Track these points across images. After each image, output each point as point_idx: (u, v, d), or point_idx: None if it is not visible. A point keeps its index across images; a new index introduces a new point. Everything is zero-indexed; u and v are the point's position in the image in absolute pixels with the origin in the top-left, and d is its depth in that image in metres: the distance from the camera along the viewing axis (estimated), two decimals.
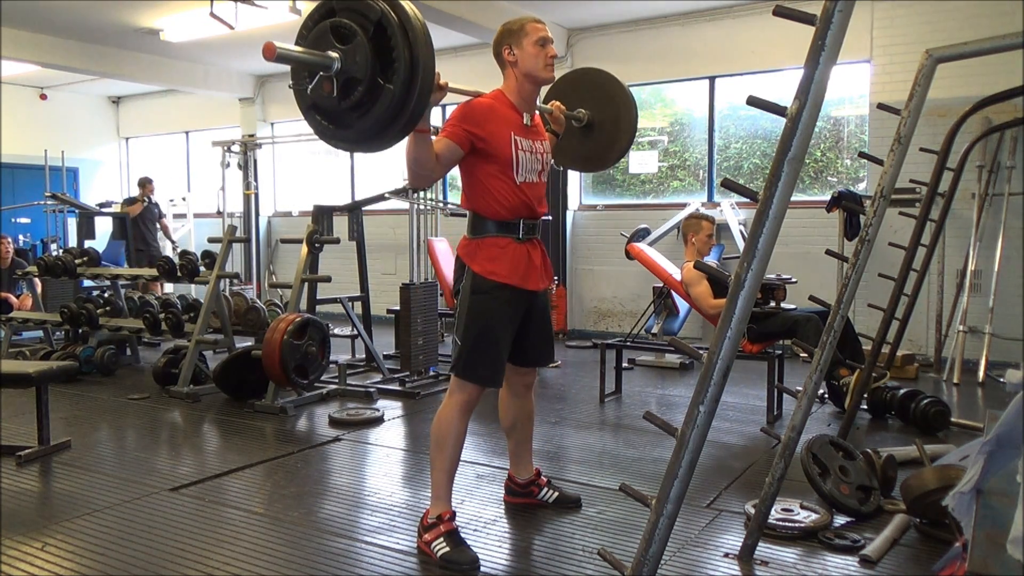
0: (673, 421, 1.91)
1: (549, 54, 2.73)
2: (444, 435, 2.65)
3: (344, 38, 2.07)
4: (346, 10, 2.10)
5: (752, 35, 7.17)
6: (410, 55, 2.03)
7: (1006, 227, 5.91)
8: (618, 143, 3.31)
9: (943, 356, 5.96)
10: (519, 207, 2.71)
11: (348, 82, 2.09)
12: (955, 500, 1.72)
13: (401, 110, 2.07)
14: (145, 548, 2.72)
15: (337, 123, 2.18)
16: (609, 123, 3.30)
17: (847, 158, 7.26)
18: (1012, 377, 1.65)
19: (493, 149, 2.63)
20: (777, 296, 4.63)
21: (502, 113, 2.69)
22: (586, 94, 3.35)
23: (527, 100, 2.76)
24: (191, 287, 8.62)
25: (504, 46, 2.72)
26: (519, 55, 2.70)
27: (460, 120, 2.59)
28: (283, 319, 4.75)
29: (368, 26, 2.05)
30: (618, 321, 8.00)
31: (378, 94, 2.07)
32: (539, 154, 2.78)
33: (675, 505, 1.89)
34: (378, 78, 2.06)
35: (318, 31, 2.12)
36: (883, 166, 2.83)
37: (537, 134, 2.82)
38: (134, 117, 12.04)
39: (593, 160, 3.46)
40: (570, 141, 3.30)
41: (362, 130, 2.14)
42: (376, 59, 2.05)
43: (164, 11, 7.53)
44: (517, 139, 2.68)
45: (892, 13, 6.45)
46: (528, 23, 2.73)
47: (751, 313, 1.87)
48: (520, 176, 2.70)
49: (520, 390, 3.00)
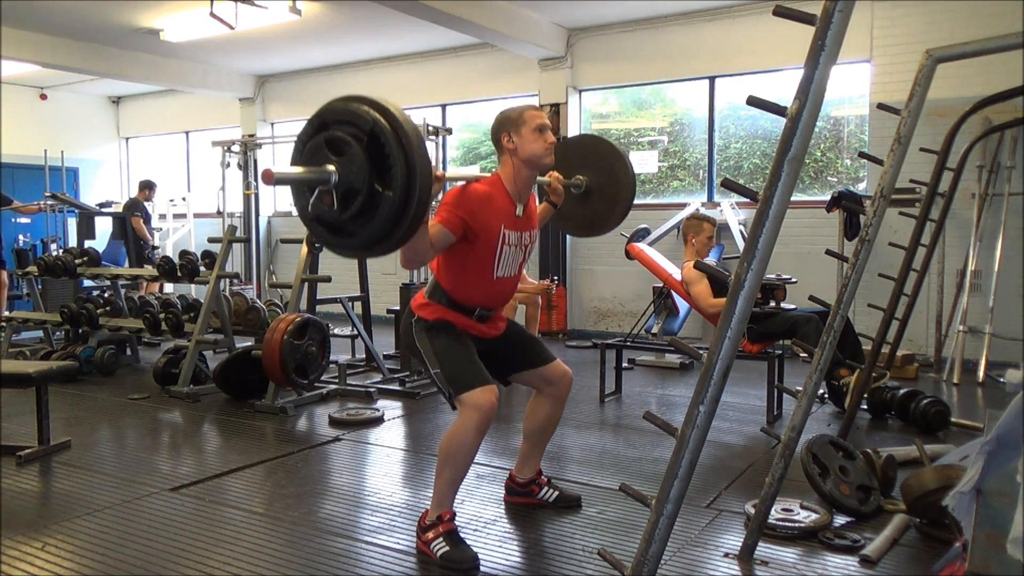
0: (673, 421, 1.91)
1: (548, 140, 2.73)
2: (455, 450, 2.58)
3: (339, 150, 2.10)
4: (338, 122, 2.12)
5: (752, 35, 7.17)
6: (406, 161, 2.05)
7: (1006, 227, 5.91)
8: (618, 207, 3.34)
9: (943, 356, 5.96)
10: (484, 300, 2.77)
11: (347, 193, 2.11)
12: (955, 500, 1.72)
13: (402, 216, 2.09)
14: (145, 548, 2.73)
15: (341, 233, 2.20)
16: (608, 187, 3.32)
17: (847, 158, 7.26)
18: (1012, 377, 1.65)
19: (481, 242, 2.66)
20: (777, 296, 4.63)
21: (497, 203, 2.70)
22: (583, 160, 3.36)
23: (524, 187, 2.78)
24: (191, 287, 8.62)
25: (503, 133, 2.73)
26: (518, 142, 2.71)
27: (456, 207, 2.60)
28: (283, 319, 4.75)
29: (362, 136, 2.07)
30: (618, 321, 8.00)
31: (378, 202, 2.09)
32: (524, 245, 2.82)
33: (675, 505, 1.89)
34: (376, 186, 2.08)
35: (313, 145, 2.14)
36: (883, 166, 2.83)
37: (527, 224, 2.83)
38: (134, 117, 12.04)
39: (594, 225, 3.47)
40: (570, 207, 3.32)
41: (366, 238, 2.16)
42: (372, 167, 2.07)
43: (164, 11, 7.53)
44: (507, 233, 2.71)
45: (892, 13, 6.45)
46: (526, 111, 2.75)
47: (751, 313, 1.87)
48: (499, 272, 2.74)
49: (553, 400, 2.98)
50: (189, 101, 11.13)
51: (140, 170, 11.50)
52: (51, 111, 11.17)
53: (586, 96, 8.38)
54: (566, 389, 2.99)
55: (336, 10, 7.42)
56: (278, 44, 8.70)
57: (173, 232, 10.50)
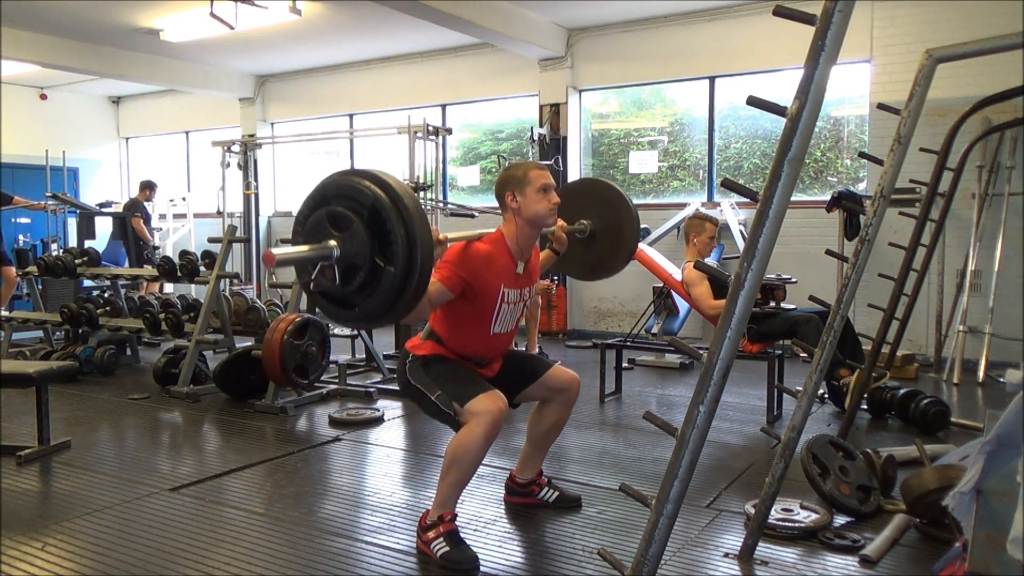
0: (673, 421, 1.91)
1: (552, 201, 2.75)
2: (462, 457, 2.56)
3: (341, 225, 2.11)
4: (339, 197, 2.14)
5: (752, 35, 7.18)
6: (407, 235, 2.06)
7: (1006, 227, 5.92)
8: (622, 251, 3.34)
9: (943, 356, 5.96)
10: (480, 352, 2.79)
11: (349, 268, 2.12)
12: (955, 500, 1.72)
13: (404, 289, 2.11)
14: (145, 548, 2.73)
15: (344, 305, 2.22)
16: (612, 231, 3.33)
17: (847, 158, 7.26)
18: (1012, 377, 1.65)
19: (480, 300, 2.68)
20: (777, 296, 4.63)
21: (498, 262, 2.71)
22: (587, 204, 3.37)
23: (526, 245, 2.80)
24: (191, 287, 8.62)
25: (507, 192, 2.75)
26: (522, 202, 2.73)
27: (457, 266, 2.61)
28: (283, 319, 4.75)
29: (363, 211, 2.09)
30: (618, 321, 8.00)
31: (380, 276, 2.10)
32: (522, 301, 2.84)
33: (675, 505, 1.89)
34: (378, 260, 2.09)
35: (315, 219, 2.16)
36: (883, 166, 2.83)
37: (528, 280, 2.85)
38: (134, 117, 12.04)
39: (599, 269, 3.47)
40: (575, 251, 3.32)
41: (369, 311, 2.18)
42: (374, 242, 2.08)
43: (164, 11, 7.53)
44: (506, 292, 2.73)
45: (892, 13, 6.45)
46: (531, 171, 2.76)
47: (751, 313, 1.87)
48: (495, 328, 2.77)
49: (560, 406, 2.98)
50: (189, 101, 11.13)
51: (140, 170, 11.50)
52: (51, 111, 11.18)
53: (586, 96, 8.39)
54: (576, 393, 3.00)
55: (336, 10, 7.42)
56: (278, 44, 8.71)
57: (173, 232, 10.49)
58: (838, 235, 6.26)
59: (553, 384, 2.93)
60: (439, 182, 7.77)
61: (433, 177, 7.54)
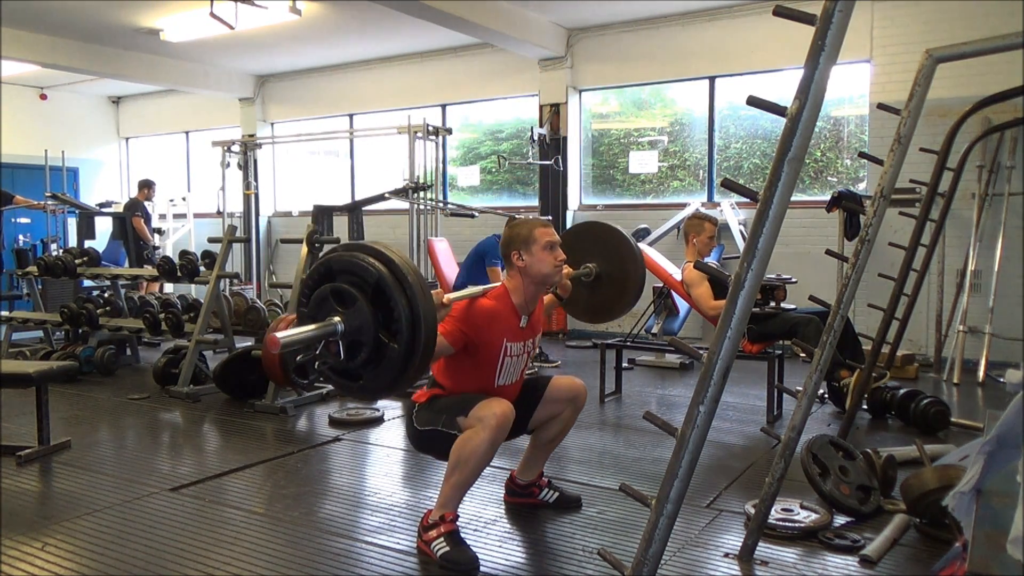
0: (673, 421, 1.91)
1: (558, 258, 2.77)
2: (467, 459, 2.56)
3: (344, 301, 2.14)
4: (344, 272, 2.16)
5: (752, 35, 7.18)
6: (411, 313, 2.09)
7: (1006, 227, 5.91)
8: (625, 298, 3.36)
9: (943, 356, 5.96)
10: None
11: (352, 345, 2.14)
12: (955, 500, 1.72)
13: (407, 365, 2.12)
14: (145, 548, 2.73)
15: (349, 377, 2.23)
16: (616, 277, 3.35)
17: (847, 158, 7.26)
18: (1012, 377, 1.65)
19: (483, 355, 2.70)
20: (777, 296, 4.63)
21: (502, 319, 2.73)
22: (592, 247, 3.39)
23: (530, 300, 2.81)
24: (191, 287, 8.62)
25: (513, 251, 2.77)
26: (528, 260, 2.75)
27: (460, 321, 2.63)
28: (283, 319, 4.75)
29: (367, 288, 2.11)
30: (618, 321, 7.99)
31: (384, 352, 2.12)
32: (526, 353, 2.85)
33: (675, 505, 1.89)
34: (382, 336, 2.11)
35: (319, 295, 2.18)
36: (883, 166, 2.83)
37: (531, 332, 2.87)
38: (134, 117, 12.04)
39: (603, 312, 3.49)
40: (580, 293, 3.35)
41: (373, 383, 2.20)
42: (377, 318, 2.11)
43: (164, 11, 7.53)
44: (509, 346, 2.74)
45: (892, 13, 6.45)
46: (536, 228, 2.78)
47: (751, 314, 1.87)
48: (500, 380, 2.78)
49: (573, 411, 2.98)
50: (189, 101, 11.13)
51: (140, 170, 11.49)
52: (51, 111, 11.17)
53: (586, 96, 8.39)
54: (583, 399, 3.00)
55: (336, 10, 7.42)
56: (278, 44, 8.71)
57: (173, 232, 10.49)
58: (838, 235, 6.26)
59: (559, 395, 2.94)
60: (439, 182, 7.78)
61: (433, 177, 7.55)
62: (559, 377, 3.01)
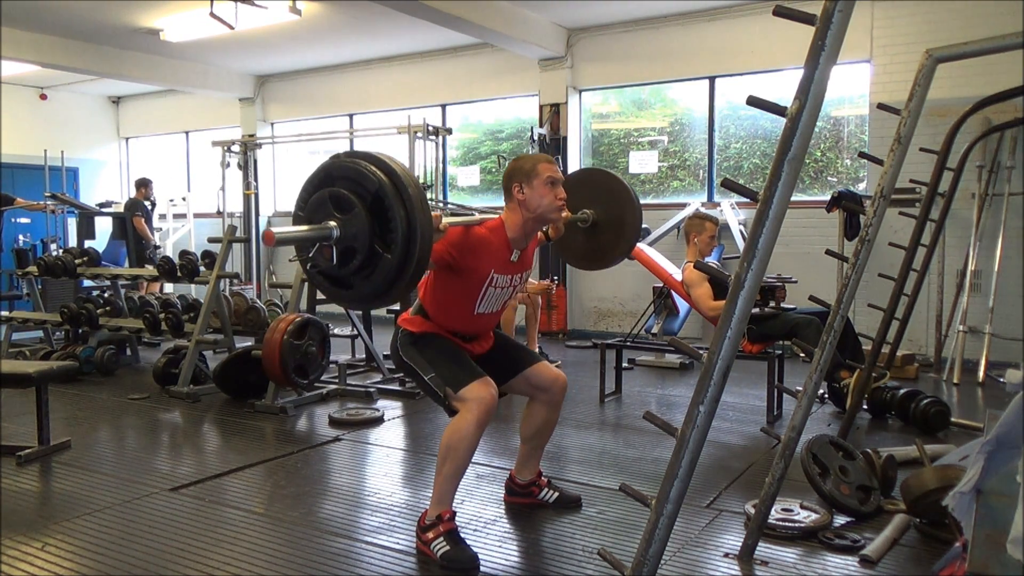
0: (673, 421, 1.91)
1: (559, 195, 2.74)
2: (456, 445, 2.58)
3: (342, 207, 2.11)
4: (344, 179, 2.14)
5: (752, 35, 7.17)
6: (408, 225, 2.07)
7: (1006, 227, 5.91)
8: (620, 245, 3.34)
9: (943, 356, 5.96)
10: (463, 328, 2.80)
11: (347, 251, 2.13)
12: (955, 500, 1.72)
13: (399, 277, 2.12)
14: (145, 548, 2.73)
15: (340, 285, 2.23)
16: (614, 224, 3.33)
17: (847, 158, 7.26)
18: (1012, 377, 1.65)
19: (467, 278, 2.69)
20: (777, 296, 4.63)
21: (493, 250, 2.72)
22: (591, 194, 3.36)
23: (526, 236, 2.79)
24: (191, 287, 8.62)
25: (515, 183, 2.74)
26: (529, 194, 2.72)
27: (450, 244, 2.61)
28: (283, 319, 4.75)
29: (366, 196, 2.09)
30: (618, 321, 8.00)
31: (377, 261, 2.11)
32: (512, 286, 2.83)
33: (675, 505, 1.89)
34: (376, 246, 2.10)
35: (317, 199, 2.16)
36: (883, 166, 2.83)
37: (521, 266, 2.85)
38: (134, 117, 12.04)
39: (594, 259, 3.47)
40: (574, 238, 3.33)
41: (363, 292, 2.19)
42: (374, 228, 2.09)
43: (164, 11, 7.53)
44: (495, 276, 2.73)
45: (892, 13, 6.45)
46: (540, 163, 2.75)
47: (752, 315, 1.87)
48: (479, 308, 2.77)
49: (547, 406, 2.96)
50: (189, 101, 11.13)
51: (140, 170, 11.48)
52: (51, 111, 11.17)
53: (586, 96, 8.38)
54: (560, 394, 2.96)
55: (336, 10, 7.42)
56: (278, 44, 8.71)
57: (173, 232, 10.49)
58: (838, 235, 6.26)
59: (535, 381, 2.92)
60: (439, 182, 7.77)
61: (433, 177, 7.54)
62: (547, 365, 2.97)
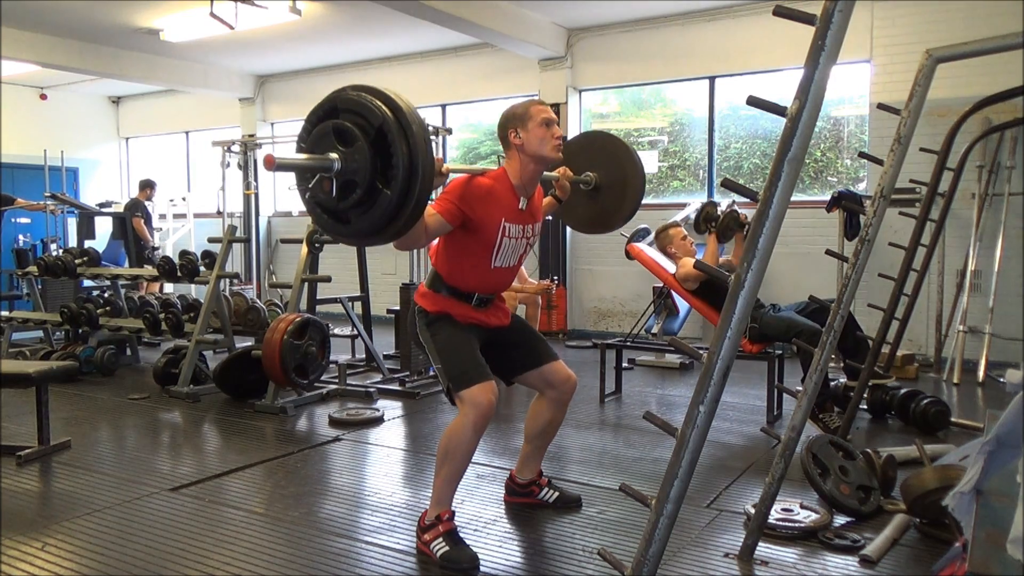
0: (673, 421, 1.91)
1: (555, 135, 2.73)
2: (455, 447, 2.59)
3: (345, 140, 2.10)
4: (349, 111, 2.12)
5: (752, 35, 7.17)
6: (409, 163, 2.05)
7: (1006, 227, 5.91)
8: (624, 208, 3.33)
9: (943, 356, 5.96)
10: (482, 287, 2.78)
11: (347, 184, 2.12)
12: (955, 500, 1.73)
13: (397, 215, 2.11)
14: (145, 548, 2.73)
15: (337, 219, 2.22)
16: (616, 187, 3.31)
17: (847, 158, 7.25)
18: (1012, 377, 1.65)
19: (480, 232, 2.67)
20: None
21: (500, 197, 2.70)
22: (594, 157, 3.35)
23: (529, 182, 2.78)
24: (191, 287, 8.62)
25: (510, 129, 2.74)
26: (525, 138, 2.71)
27: (457, 198, 2.61)
28: (283, 319, 4.75)
29: (369, 130, 2.08)
30: (618, 321, 8.00)
31: (376, 198, 2.10)
32: (526, 238, 2.82)
33: (675, 505, 1.89)
34: (377, 183, 2.09)
35: (320, 130, 2.15)
36: (883, 166, 2.83)
37: (531, 217, 2.83)
38: (134, 117, 12.04)
39: (598, 223, 3.46)
40: (577, 201, 3.32)
41: (360, 228, 2.18)
42: (375, 163, 2.08)
43: (164, 11, 7.53)
44: (507, 226, 2.71)
45: (892, 13, 6.45)
46: (532, 106, 2.75)
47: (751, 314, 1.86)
48: (497, 262, 2.75)
49: (555, 404, 2.96)
50: (189, 101, 11.13)
51: (140, 170, 11.48)
52: (51, 111, 11.17)
53: (586, 96, 8.38)
54: (569, 394, 2.96)
55: (336, 10, 7.41)
56: (278, 44, 8.70)
57: (173, 232, 10.49)
58: (838, 235, 6.26)
59: (549, 377, 2.92)
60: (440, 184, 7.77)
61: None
62: (562, 364, 2.95)
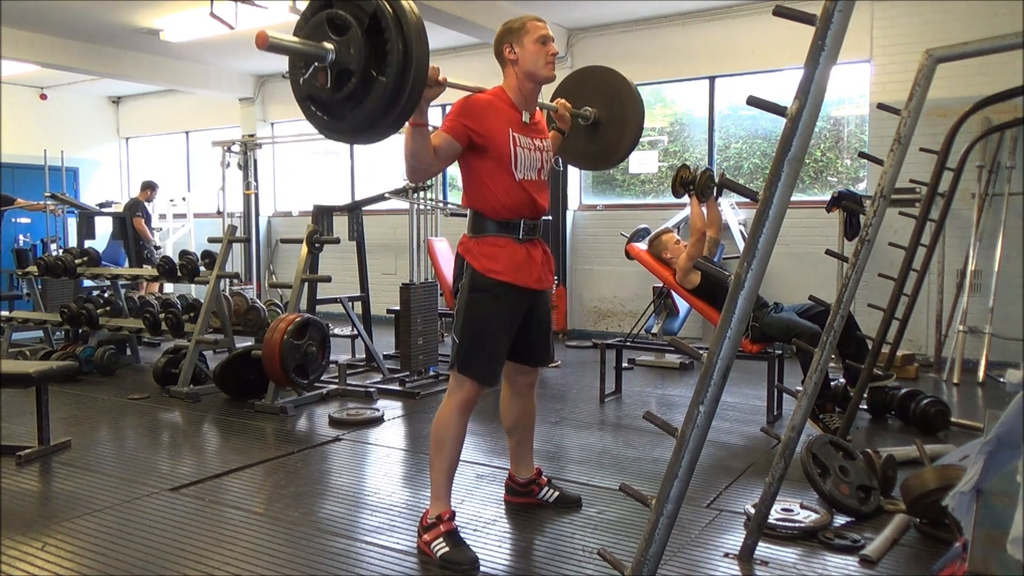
0: (673, 421, 1.91)
1: (550, 52, 2.74)
2: (443, 435, 2.66)
3: (339, 29, 2.09)
4: (343, 1, 2.12)
5: (752, 35, 7.17)
6: (404, 48, 2.05)
7: (1006, 227, 5.91)
8: (624, 141, 3.30)
9: (943, 356, 5.96)
10: (519, 205, 2.72)
11: (342, 73, 2.11)
12: (955, 500, 1.72)
13: (393, 103, 2.10)
14: (145, 548, 2.73)
15: (331, 114, 2.21)
16: (616, 121, 3.29)
17: (847, 158, 7.25)
18: (1012, 377, 1.65)
19: (491, 145, 2.64)
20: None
21: (501, 110, 2.70)
22: (593, 92, 3.34)
23: (527, 98, 2.77)
24: (191, 287, 8.61)
25: (505, 44, 2.73)
26: (520, 53, 2.71)
27: (458, 115, 2.60)
28: (283, 319, 4.75)
29: (363, 18, 2.07)
30: (618, 321, 8.00)
31: (371, 86, 2.09)
32: (539, 151, 2.78)
33: (675, 505, 1.89)
34: (371, 70, 2.08)
35: (315, 21, 2.14)
36: (883, 166, 2.83)
37: (538, 132, 2.82)
38: (134, 117, 12.03)
39: (599, 158, 3.44)
40: (576, 139, 3.30)
41: (355, 122, 2.17)
42: (370, 51, 2.07)
43: (164, 11, 7.53)
44: (516, 136, 2.69)
45: (892, 13, 6.45)
46: (529, 21, 2.75)
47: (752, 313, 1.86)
48: (520, 173, 2.70)
49: (523, 389, 2.99)
50: (189, 101, 11.12)
51: (140, 170, 11.49)
52: (51, 111, 11.16)
53: None
54: (535, 376, 3.02)
55: None
56: None
57: (173, 232, 10.49)
58: (838, 235, 6.25)
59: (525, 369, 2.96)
60: (439, 182, 7.78)
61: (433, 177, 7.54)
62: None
